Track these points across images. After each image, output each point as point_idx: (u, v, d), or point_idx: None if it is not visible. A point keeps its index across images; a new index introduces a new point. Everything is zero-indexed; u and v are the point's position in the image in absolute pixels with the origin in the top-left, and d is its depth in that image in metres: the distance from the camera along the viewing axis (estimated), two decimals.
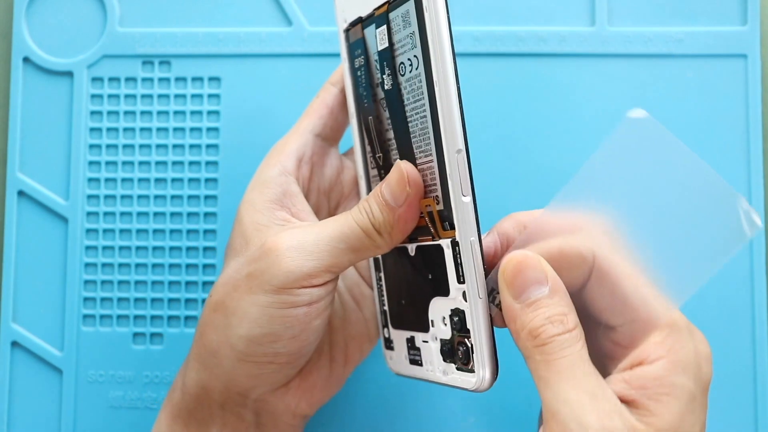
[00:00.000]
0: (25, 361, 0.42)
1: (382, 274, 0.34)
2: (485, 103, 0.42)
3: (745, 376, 0.40)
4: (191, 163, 0.42)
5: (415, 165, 0.30)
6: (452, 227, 0.29)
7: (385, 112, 0.32)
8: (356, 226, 0.30)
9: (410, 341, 0.32)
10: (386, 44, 0.31)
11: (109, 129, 0.43)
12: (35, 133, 0.43)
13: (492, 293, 0.28)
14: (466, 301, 0.28)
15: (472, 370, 0.28)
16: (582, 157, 0.41)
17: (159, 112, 0.43)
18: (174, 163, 0.42)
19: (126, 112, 0.43)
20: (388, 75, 0.32)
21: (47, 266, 0.42)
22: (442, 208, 0.29)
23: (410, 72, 0.30)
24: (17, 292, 0.42)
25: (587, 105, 0.41)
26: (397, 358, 0.34)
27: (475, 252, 0.28)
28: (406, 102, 0.31)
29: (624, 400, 0.26)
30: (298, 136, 0.35)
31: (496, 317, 0.28)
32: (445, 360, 0.30)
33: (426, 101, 0.29)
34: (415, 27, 0.30)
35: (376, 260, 0.35)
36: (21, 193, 0.42)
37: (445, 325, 0.30)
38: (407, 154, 0.31)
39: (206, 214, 0.42)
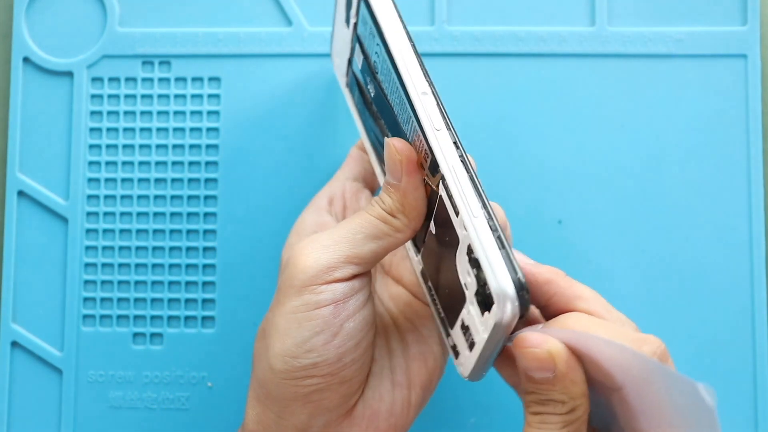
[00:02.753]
0: (25, 361, 0.42)
1: (430, 283, 0.33)
2: (485, 103, 0.42)
3: (745, 376, 0.40)
4: (191, 163, 0.42)
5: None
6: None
7: (381, 121, 0.33)
8: (370, 216, 0.30)
9: (463, 327, 0.29)
10: (363, 58, 0.33)
11: (109, 129, 0.43)
12: (35, 133, 0.43)
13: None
14: (466, 230, 0.27)
15: (491, 300, 0.26)
16: (581, 157, 0.42)
17: (159, 113, 0.43)
18: (174, 163, 0.42)
19: (126, 113, 0.43)
20: (371, 82, 0.33)
21: (47, 266, 0.42)
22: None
23: (381, 66, 0.31)
24: (17, 292, 0.42)
25: (587, 105, 0.41)
26: (463, 359, 0.30)
27: (459, 173, 0.27)
28: (387, 94, 0.31)
29: None
30: (333, 181, 0.37)
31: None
32: (482, 314, 0.27)
33: (395, 77, 0.30)
34: (371, 23, 0.31)
35: (423, 273, 0.33)
36: (21, 193, 0.42)
37: (469, 275, 0.28)
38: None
39: (206, 215, 0.42)
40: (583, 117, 0.41)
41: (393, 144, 0.30)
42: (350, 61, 0.35)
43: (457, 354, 0.30)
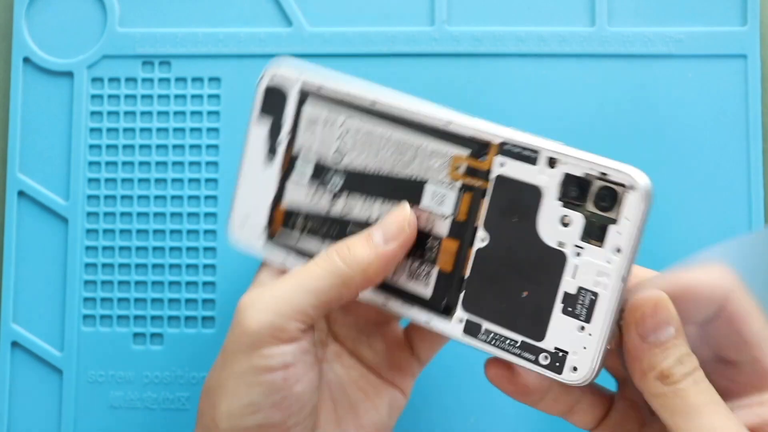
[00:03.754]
0: (25, 361, 0.42)
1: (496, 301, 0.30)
2: (485, 103, 0.42)
3: None
4: (191, 163, 0.42)
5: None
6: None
7: (361, 201, 0.33)
8: (321, 270, 0.29)
9: (567, 301, 0.28)
10: (312, 165, 0.34)
11: (109, 129, 0.43)
12: (35, 134, 0.43)
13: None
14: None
15: (615, 197, 0.27)
16: None
17: (159, 113, 0.43)
18: (174, 163, 0.42)
19: (126, 113, 0.43)
20: (334, 175, 0.33)
21: (47, 266, 0.42)
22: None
23: (354, 140, 0.33)
24: (17, 292, 0.42)
25: (587, 105, 0.41)
26: (574, 356, 0.28)
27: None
28: (368, 164, 0.32)
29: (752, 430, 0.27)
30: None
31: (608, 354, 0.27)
32: (601, 242, 0.27)
33: (390, 129, 0.32)
34: (328, 108, 0.33)
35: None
36: (21, 194, 0.42)
37: (565, 220, 0.28)
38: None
39: (206, 215, 0.42)
40: (583, 117, 0.41)
41: (407, 213, 0.30)
42: (279, 198, 0.34)
43: (561, 361, 0.28)
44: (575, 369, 0.27)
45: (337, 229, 0.32)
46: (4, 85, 0.44)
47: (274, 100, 0.34)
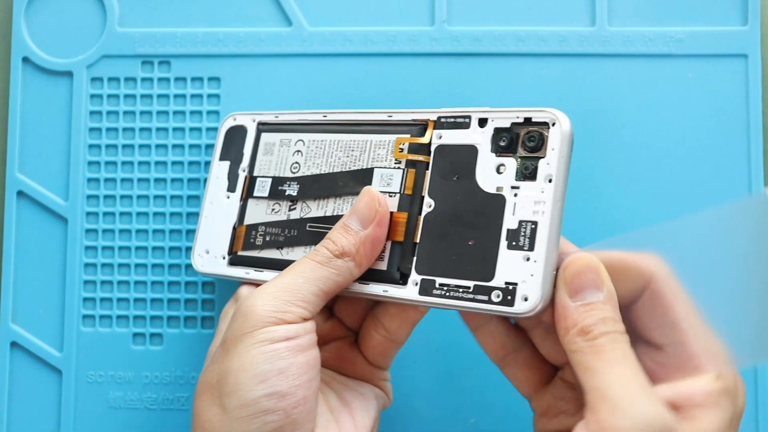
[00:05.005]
0: (25, 361, 0.42)
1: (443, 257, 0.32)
2: (485, 103, 0.41)
3: (745, 376, 0.40)
4: (191, 163, 0.42)
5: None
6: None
7: (316, 200, 0.35)
8: (313, 261, 0.31)
9: (511, 235, 0.30)
10: (269, 182, 0.37)
11: (108, 129, 0.42)
12: (35, 134, 0.43)
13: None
14: None
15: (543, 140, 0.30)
16: (581, 157, 0.42)
17: (158, 112, 0.42)
18: (173, 163, 0.42)
19: (125, 112, 0.43)
20: (290, 183, 0.36)
21: (47, 266, 0.42)
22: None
23: (312, 151, 0.36)
24: (17, 292, 0.42)
25: (587, 105, 0.41)
26: (525, 286, 0.29)
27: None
28: (323, 164, 0.36)
29: (670, 404, 0.27)
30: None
31: (544, 313, 0.29)
32: (534, 177, 0.30)
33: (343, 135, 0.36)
34: (279, 133, 0.38)
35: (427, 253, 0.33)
36: (20, 194, 0.42)
37: (501, 168, 0.31)
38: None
39: None
40: (583, 117, 0.41)
41: (376, 194, 0.32)
42: (241, 219, 0.37)
43: (512, 293, 0.29)
44: (526, 299, 0.29)
45: (295, 230, 0.35)
46: (3, 85, 0.44)
47: (234, 137, 0.38)
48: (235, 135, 0.39)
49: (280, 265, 0.34)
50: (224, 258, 0.37)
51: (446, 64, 0.42)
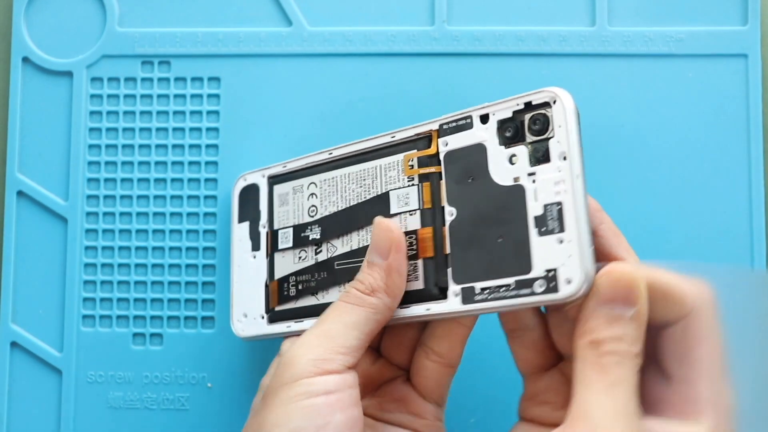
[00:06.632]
0: (25, 361, 0.42)
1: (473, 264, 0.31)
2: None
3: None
4: (191, 163, 0.42)
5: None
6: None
7: (338, 237, 0.35)
8: (347, 303, 0.30)
9: (539, 221, 0.29)
10: (291, 231, 0.37)
11: (108, 129, 0.42)
12: (34, 134, 0.43)
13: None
14: None
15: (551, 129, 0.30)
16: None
17: (158, 112, 0.42)
18: (173, 163, 0.42)
19: (125, 112, 0.43)
20: (312, 226, 0.36)
21: (47, 267, 0.42)
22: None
23: (328, 189, 0.36)
24: (17, 292, 0.42)
25: (587, 105, 0.41)
26: (565, 268, 0.28)
27: None
28: (341, 200, 0.36)
29: None
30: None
31: (571, 308, 0.28)
32: (549, 158, 0.29)
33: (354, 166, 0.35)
34: (290, 179, 0.38)
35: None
36: (20, 194, 0.42)
37: (514, 158, 0.31)
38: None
39: (206, 215, 0.42)
40: (583, 117, 0.41)
41: (385, 223, 0.31)
42: (271, 275, 0.37)
43: (554, 279, 0.28)
44: (569, 281, 0.28)
45: (325, 272, 0.35)
46: (3, 85, 0.44)
47: (248, 197, 0.39)
48: (249, 194, 0.39)
49: (318, 311, 0.33)
50: (263, 317, 0.37)
51: (446, 64, 0.42)
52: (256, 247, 0.38)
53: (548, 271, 0.28)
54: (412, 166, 0.33)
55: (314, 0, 0.43)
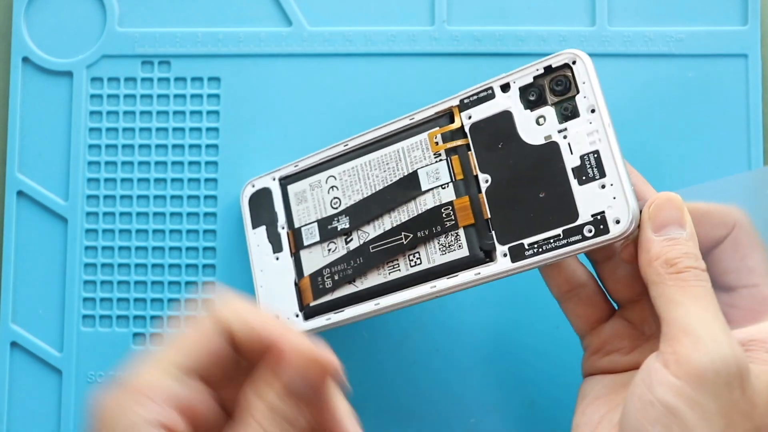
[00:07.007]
0: (25, 361, 0.42)
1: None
2: None
3: None
4: (191, 163, 0.42)
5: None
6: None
7: (375, 219, 0.35)
8: None
9: (578, 171, 0.31)
10: (316, 226, 0.37)
11: (108, 129, 0.42)
12: (34, 134, 0.43)
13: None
14: None
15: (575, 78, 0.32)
16: None
17: (158, 112, 0.42)
18: (173, 163, 0.42)
19: (125, 112, 0.43)
20: (339, 216, 0.36)
21: (47, 267, 0.42)
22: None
23: (350, 177, 0.36)
24: (16, 292, 0.42)
25: None
26: (613, 208, 0.30)
27: None
28: (376, 183, 0.36)
29: (743, 346, 0.28)
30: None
31: (624, 251, 0.30)
32: (585, 112, 0.31)
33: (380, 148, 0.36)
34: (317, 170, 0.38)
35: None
36: (20, 194, 0.42)
37: (545, 114, 0.32)
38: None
39: (206, 215, 0.42)
40: None
41: (319, 356, 0.25)
42: (300, 273, 0.37)
43: (603, 222, 0.30)
44: (618, 221, 0.29)
45: (361, 257, 0.35)
46: (3, 85, 0.44)
47: (260, 202, 0.38)
48: (260, 199, 0.39)
49: (359, 298, 0.34)
50: (297, 315, 0.37)
51: (446, 64, 0.42)
52: (277, 248, 0.38)
53: (595, 215, 0.30)
54: (438, 142, 0.33)
55: (314, 0, 0.43)
